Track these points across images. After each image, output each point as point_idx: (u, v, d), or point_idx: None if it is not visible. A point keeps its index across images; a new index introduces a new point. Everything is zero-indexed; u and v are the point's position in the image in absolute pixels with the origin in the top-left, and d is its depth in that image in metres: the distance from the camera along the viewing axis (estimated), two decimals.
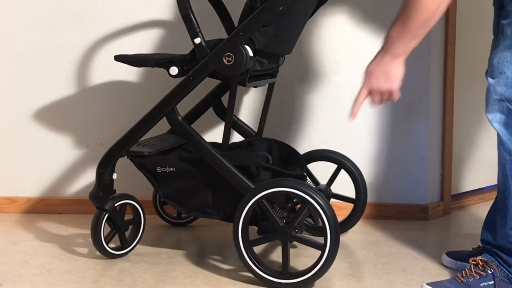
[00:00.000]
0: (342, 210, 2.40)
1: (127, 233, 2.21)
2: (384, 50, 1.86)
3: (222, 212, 2.09)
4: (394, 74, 1.85)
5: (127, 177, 2.33)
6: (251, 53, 1.98)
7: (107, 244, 2.14)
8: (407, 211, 2.63)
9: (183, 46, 2.19)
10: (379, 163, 2.63)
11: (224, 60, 1.98)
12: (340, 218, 2.13)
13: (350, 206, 2.37)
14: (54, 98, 2.64)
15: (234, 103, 2.02)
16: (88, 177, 2.62)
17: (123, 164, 2.19)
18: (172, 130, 2.31)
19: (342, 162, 2.35)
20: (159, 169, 2.10)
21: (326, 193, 2.31)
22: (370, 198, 2.50)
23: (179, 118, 2.07)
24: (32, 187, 2.67)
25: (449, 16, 2.61)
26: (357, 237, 2.40)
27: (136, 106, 2.56)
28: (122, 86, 2.63)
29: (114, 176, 2.14)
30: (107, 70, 2.61)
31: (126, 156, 2.14)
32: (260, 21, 1.96)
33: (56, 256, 2.20)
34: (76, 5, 2.61)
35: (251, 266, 1.97)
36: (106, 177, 2.13)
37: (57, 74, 2.63)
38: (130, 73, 2.60)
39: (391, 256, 2.21)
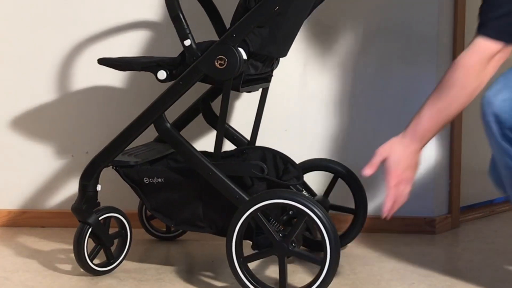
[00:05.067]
0: (342, 223, 2.38)
1: (112, 248, 2.19)
2: (412, 136, 1.85)
3: (214, 225, 2.08)
4: (418, 163, 1.88)
5: (112, 188, 2.32)
6: (245, 56, 1.96)
7: (91, 261, 2.12)
8: (413, 224, 2.62)
9: (173, 49, 2.17)
10: (383, 173, 2.62)
11: (216, 64, 1.96)
12: (339, 232, 2.11)
13: (350, 218, 2.36)
14: (36, 104, 2.64)
15: (226, 109, 2.00)
16: (73, 188, 2.61)
17: (107, 175, 2.17)
18: (159, 138, 2.30)
19: (339, 171, 2.34)
20: (146, 180, 2.08)
21: (324, 204, 2.30)
22: (373, 211, 2.49)
23: (168, 125, 2.05)
24: (12, 199, 2.66)
25: (457, 24, 2.61)
26: (359, 252, 2.39)
27: (123, 112, 2.55)
28: (109, 91, 2.62)
29: (99, 187, 2.12)
30: (93, 74, 2.61)
31: (111, 167, 2.12)
32: (255, 21, 1.94)
33: (38, 272, 2.19)
34: (59, 5, 2.60)
35: (245, 283, 1.95)
36: (90, 188, 2.10)
37: (38, 78, 2.62)
38: (117, 77, 2.59)
39: (396, 273, 2.20)
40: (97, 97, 2.62)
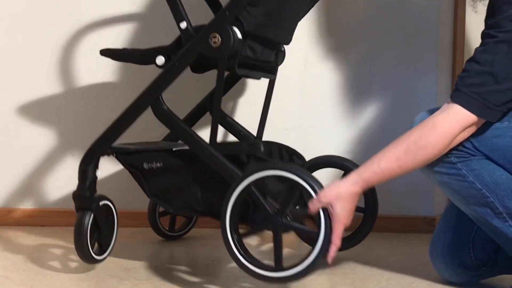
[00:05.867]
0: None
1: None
2: (361, 182, 1.83)
3: (212, 208, 2.04)
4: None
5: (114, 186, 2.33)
6: (239, 35, 1.96)
7: (92, 250, 2.11)
8: (413, 223, 2.63)
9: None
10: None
11: (210, 42, 1.95)
12: (349, 232, 2.12)
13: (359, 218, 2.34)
14: (36, 103, 2.64)
15: (221, 91, 1.99)
16: (73, 187, 2.61)
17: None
18: (167, 137, 2.30)
19: (349, 167, 2.30)
20: (145, 166, 2.08)
21: None
22: None
23: (165, 107, 2.04)
24: (12, 198, 2.67)
25: (457, 23, 2.62)
26: (359, 251, 2.39)
27: None
28: (110, 91, 2.63)
29: (98, 173, 2.11)
30: (93, 74, 2.61)
31: (112, 154, 2.12)
32: None
33: (38, 271, 2.19)
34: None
35: (241, 261, 1.91)
36: (90, 173, 2.10)
37: (39, 78, 2.63)
38: (118, 77, 2.60)
39: (396, 272, 2.20)
40: (97, 96, 2.63)
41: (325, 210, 1.84)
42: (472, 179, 1.86)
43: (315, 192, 1.86)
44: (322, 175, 2.39)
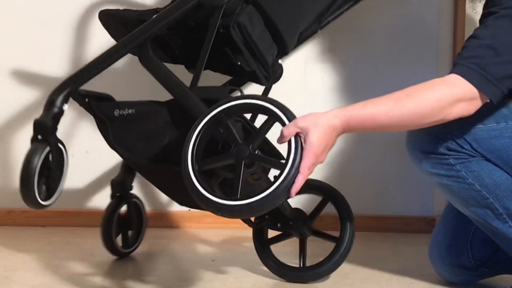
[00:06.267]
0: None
1: None
2: (344, 120, 1.71)
3: (177, 159, 1.83)
4: (331, 147, 1.73)
5: None
6: None
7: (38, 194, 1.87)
8: (413, 224, 2.63)
9: None
10: (382, 172, 2.63)
11: None
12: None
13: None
14: (36, 103, 2.64)
15: (209, 46, 1.89)
16: (73, 187, 2.62)
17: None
18: None
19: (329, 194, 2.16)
20: (116, 113, 1.98)
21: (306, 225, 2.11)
22: (373, 210, 2.51)
23: (151, 53, 1.93)
24: (13, 198, 2.66)
25: (457, 23, 2.63)
26: (359, 251, 2.39)
27: None
28: (110, 91, 2.63)
29: (65, 107, 1.95)
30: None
31: (85, 99, 2.01)
32: None
33: (39, 271, 2.19)
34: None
35: (198, 190, 1.70)
36: (58, 104, 1.92)
37: (39, 78, 2.63)
38: (118, 77, 2.60)
39: (396, 272, 2.21)
40: None
41: (298, 137, 1.68)
42: (471, 180, 1.86)
43: (290, 121, 1.71)
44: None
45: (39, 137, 1.90)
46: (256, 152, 1.72)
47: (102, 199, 2.20)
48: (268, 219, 2.09)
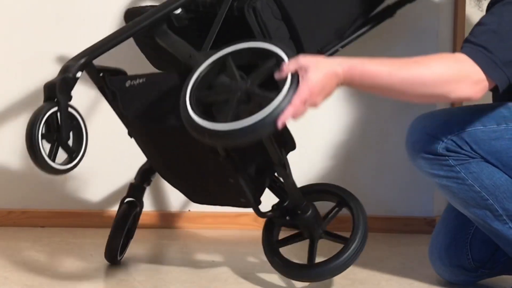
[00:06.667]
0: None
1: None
2: (347, 69, 1.68)
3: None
4: (329, 95, 1.71)
5: None
6: None
7: (48, 156, 1.82)
8: (413, 224, 2.63)
9: None
10: (381, 172, 2.63)
11: None
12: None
13: None
14: (35, 103, 2.64)
15: (222, 17, 1.89)
16: (73, 187, 2.62)
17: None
18: None
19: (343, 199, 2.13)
20: (128, 83, 2.00)
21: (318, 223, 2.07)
22: (372, 211, 2.50)
23: (165, 27, 1.94)
24: (12, 198, 2.67)
25: (457, 23, 2.63)
26: None
27: None
28: None
29: (79, 74, 1.90)
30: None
31: (99, 73, 2.03)
32: None
33: (39, 272, 2.19)
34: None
35: (188, 112, 1.72)
36: (72, 70, 1.88)
37: (39, 78, 2.63)
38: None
39: (396, 273, 2.21)
40: (98, 97, 2.63)
41: (296, 74, 1.65)
42: (471, 181, 1.86)
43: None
44: None
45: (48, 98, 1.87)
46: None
47: (102, 200, 2.20)
48: (276, 209, 2.04)
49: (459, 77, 1.71)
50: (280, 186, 2.06)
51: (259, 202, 2.01)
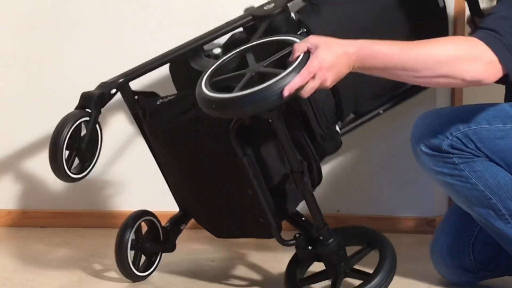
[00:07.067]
0: None
1: None
2: (354, 45, 1.68)
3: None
4: (339, 78, 1.70)
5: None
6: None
7: (66, 162, 1.91)
8: (413, 224, 2.63)
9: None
10: (381, 171, 2.63)
11: None
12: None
13: None
14: (35, 103, 2.64)
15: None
16: (73, 188, 2.62)
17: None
18: None
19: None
20: (159, 102, 2.04)
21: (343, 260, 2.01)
22: (372, 211, 2.50)
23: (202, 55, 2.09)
24: (12, 199, 2.67)
25: (457, 22, 2.63)
26: None
27: (125, 112, 2.56)
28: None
29: (113, 91, 2.01)
30: (94, 74, 2.61)
31: (135, 95, 2.07)
32: None
33: (39, 272, 2.20)
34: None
35: (201, 88, 1.77)
36: (108, 86, 2.00)
37: (39, 78, 2.63)
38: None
39: (396, 272, 2.19)
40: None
41: (307, 52, 1.67)
42: (474, 180, 1.86)
43: None
44: None
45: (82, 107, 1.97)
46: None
47: (102, 200, 2.20)
48: (299, 237, 1.96)
49: (473, 55, 1.69)
50: (305, 220, 2.04)
51: (280, 227, 1.94)
